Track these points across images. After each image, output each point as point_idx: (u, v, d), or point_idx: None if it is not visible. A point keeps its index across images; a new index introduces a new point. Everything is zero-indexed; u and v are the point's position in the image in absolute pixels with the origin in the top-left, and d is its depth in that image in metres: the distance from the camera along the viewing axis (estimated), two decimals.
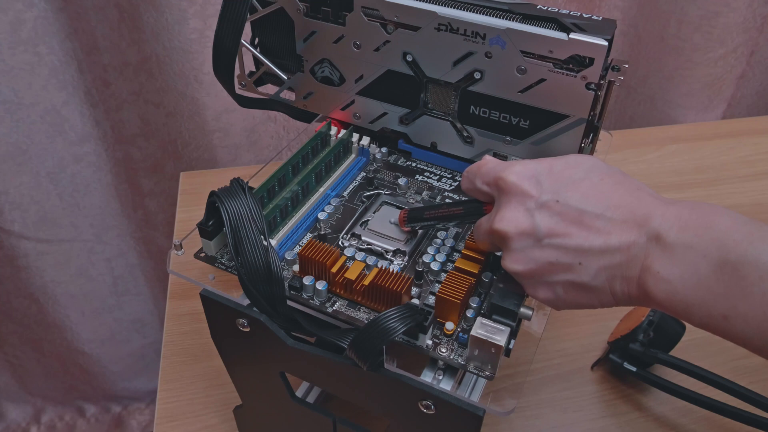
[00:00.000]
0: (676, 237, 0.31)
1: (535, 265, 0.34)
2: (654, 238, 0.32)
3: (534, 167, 0.35)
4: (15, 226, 0.85)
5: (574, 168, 0.35)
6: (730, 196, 0.79)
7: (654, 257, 0.32)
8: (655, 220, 0.32)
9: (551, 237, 0.34)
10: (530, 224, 0.34)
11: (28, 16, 0.71)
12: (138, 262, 1.00)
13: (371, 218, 0.45)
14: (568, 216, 0.33)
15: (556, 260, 0.34)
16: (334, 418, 0.43)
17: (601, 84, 0.41)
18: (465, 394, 0.37)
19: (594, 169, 0.35)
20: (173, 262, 0.41)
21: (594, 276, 0.33)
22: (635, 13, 0.94)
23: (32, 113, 0.77)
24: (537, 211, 0.34)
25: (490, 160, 0.38)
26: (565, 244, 0.33)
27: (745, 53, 0.98)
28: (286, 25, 0.49)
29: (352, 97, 0.50)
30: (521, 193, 0.35)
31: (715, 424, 0.54)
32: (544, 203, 0.34)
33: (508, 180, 0.35)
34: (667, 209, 0.32)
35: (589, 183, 0.34)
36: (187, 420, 0.55)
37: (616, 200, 0.33)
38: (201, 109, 0.83)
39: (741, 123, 0.96)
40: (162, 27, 0.75)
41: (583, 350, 0.60)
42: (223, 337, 0.43)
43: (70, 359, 1.04)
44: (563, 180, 0.35)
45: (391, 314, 0.34)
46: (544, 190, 0.34)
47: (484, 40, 0.42)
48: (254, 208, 0.38)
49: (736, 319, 0.30)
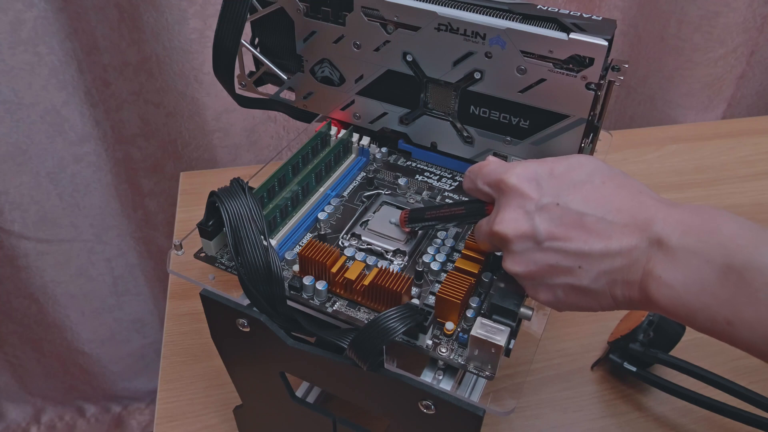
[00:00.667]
0: (679, 241, 0.31)
1: (536, 268, 0.34)
2: (656, 243, 0.32)
3: (535, 169, 0.35)
4: (15, 226, 0.85)
5: (575, 170, 0.35)
6: (730, 196, 0.79)
7: (656, 261, 0.31)
8: (657, 224, 0.32)
9: (551, 240, 0.34)
10: (530, 227, 0.34)
11: (28, 16, 0.71)
12: (138, 262, 1.00)
13: (371, 218, 0.45)
14: (568, 219, 0.33)
15: (556, 263, 0.34)
16: (334, 418, 0.43)
17: (601, 84, 0.41)
18: (465, 394, 0.37)
19: (596, 171, 0.35)
20: (173, 262, 0.41)
21: (594, 280, 0.33)
22: (635, 13, 0.94)
23: (32, 113, 0.77)
24: (537, 213, 0.34)
25: (493, 161, 0.38)
26: (564, 248, 0.33)
27: (745, 53, 0.98)
28: (286, 25, 0.49)
29: (352, 97, 0.50)
30: (521, 196, 0.35)
31: (715, 424, 0.54)
32: (544, 206, 0.34)
33: (508, 182, 0.35)
34: (670, 213, 0.32)
35: (591, 186, 0.34)
36: (187, 420, 0.55)
37: (618, 204, 0.33)
38: (201, 109, 0.83)
39: (741, 123, 0.96)
40: (162, 27, 0.75)
41: (583, 350, 0.60)
42: (223, 337, 0.43)
43: (70, 359, 1.04)
44: (564, 182, 0.34)
45: (391, 314, 0.34)
46: (545, 192, 0.34)
47: (484, 40, 0.42)
48: (254, 208, 0.38)
49: (740, 325, 0.29)
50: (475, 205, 0.39)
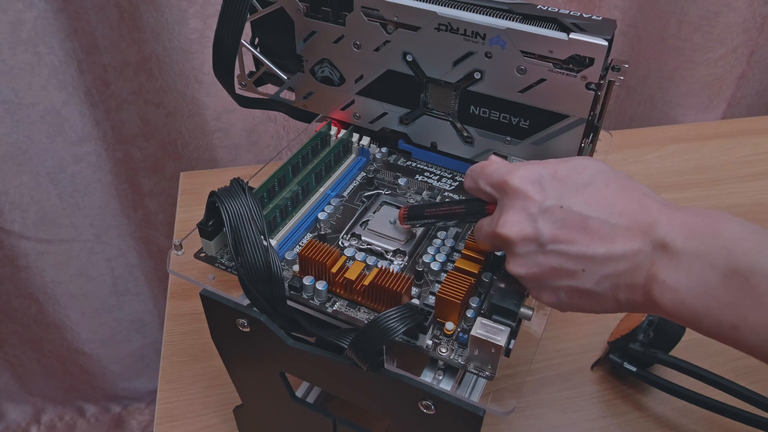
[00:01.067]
0: (683, 245, 0.31)
1: (539, 270, 0.34)
2: (660, 246, 0.32)
3: (538, 171, 0.35)
4: (15, 226, 0.85)
5: (579, 173, 0.35)
6: (730, 196, 0.79)
7: (660, 265, 0.31)
8: (661, 228, 0.32)
9: (554, 243, 0.33)
10: (533, 230, 0.34)
11: (28, 16, 0.71)
12: (138, 262, 1.00)
13: (371, 218, 0.45)
14: (571, 222, 0.33)
15: (559, 266, 0.34)
16: (334, 418, 0.43)
17: (601, 84, 0.41)
18: (465, 394, 0.37)
19: (599, 174, 0.35)
20: (173, 262, 0.41)
21: (597, 283, 0.33)
22: (635, 13, 0.94)
23: (32, 113, 0.77)
24: (540, 216, 0.34)
25: (496, 161, 0.38)
26: (567, 251, 0.33)
27: (745, 53, 0.98)
28: (286, 25, 0.49)
29: (352, 97, 0.50)
30: (524, 198, 0.34)
31: (715, 424, 0.54)
32: (548, 209, 0.34)
33: (511, 184, 0.35)
34: (673, 216, 0.32)
35: (594, 189, 0.34)
36: (187, 420, 0.55)
37: (621, 207, 0.33)
38: (201, 109, 0.83)
39: (741, 123, 0.96)
40: (162, 27, 0.75)
41: (583, 350, 0.60)
42: (223, 337, 0.42)
43: (70, 359, 1.04)
44: (567, 185, 0.34)
45: (391, 314, 0.34)
46: (548, 195, 0.34)
47: (484, 40, 0.42)
48: (254, 208, 0.38)
49: (745, 329, 0.29)
50: (476, 205, 0.39)
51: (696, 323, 0.31)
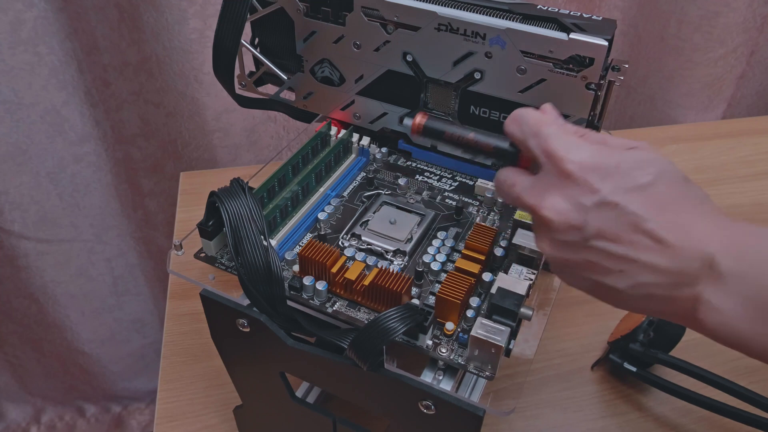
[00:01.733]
0: (732, 266, 0.30)
1: (572, 258, 0.33)
2: (708, 265, 0.30)
3: (601, 160, 0.32)
4: (15, 226, 0.85)
5: (642, 169, 0.32)
6: (730, 196, 0.79)
7: (705, 285, 0.30)
8: (712, 246, 0.30)
9: (599, 239, 0.31)
10: (581, 221, 0.32)
11: (28, 16, 0.71)
12: (138, 262, 1.00)
13: (371, 218, 0.45)
14: (622, 221, 0.31)
15: (597, 261, 0.32)
16: (334, 418, 0.43)
17: (601, 84, 0.41)
18: (465, 394, 0.37)
19: (663, 174, 0.32)
20: (173, 262, 0.41)
21: (631, 287, 0.32)
22: (635, 13, 0.94)
23: (32, 113, 0.77)
24: (592, 209, 0.31)
25: (554, 122, 0.34)
26: (610, 249, 0.31)
27: (745, 53, 0.98)
28: (286, 25, 0.49)
29: (352, 97, 0.50)
30: (580, 186, 0.32)
31: (715, 424, 0.54)
32: (602, 203, 0.31)
33: (569, 167, 0.32)
34: (725, 234, 0.31)
35: (653, 190, 0.31)
36: (187, 420, 0.55)
37: (676, 215, 0.31)
38: (201, 109, 0.83)
39: (741, 123, 0.96)
40: (162, 27, 0.75)
41: (583, 350, 0.60)
42: (223, 337, 0.42)
43: (70, 359, 1.04)
44: (628, 181, 0.32)
45: (391, 314, 0.34)
46: (606, 189, 0.31)
47: (484, 40, 0.42)
48: (254, 208, 0.38)
49: None
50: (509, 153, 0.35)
51: (742, 346, 0.30)
